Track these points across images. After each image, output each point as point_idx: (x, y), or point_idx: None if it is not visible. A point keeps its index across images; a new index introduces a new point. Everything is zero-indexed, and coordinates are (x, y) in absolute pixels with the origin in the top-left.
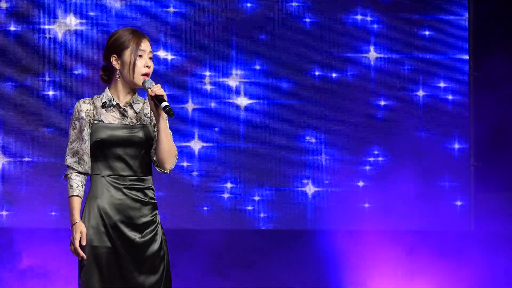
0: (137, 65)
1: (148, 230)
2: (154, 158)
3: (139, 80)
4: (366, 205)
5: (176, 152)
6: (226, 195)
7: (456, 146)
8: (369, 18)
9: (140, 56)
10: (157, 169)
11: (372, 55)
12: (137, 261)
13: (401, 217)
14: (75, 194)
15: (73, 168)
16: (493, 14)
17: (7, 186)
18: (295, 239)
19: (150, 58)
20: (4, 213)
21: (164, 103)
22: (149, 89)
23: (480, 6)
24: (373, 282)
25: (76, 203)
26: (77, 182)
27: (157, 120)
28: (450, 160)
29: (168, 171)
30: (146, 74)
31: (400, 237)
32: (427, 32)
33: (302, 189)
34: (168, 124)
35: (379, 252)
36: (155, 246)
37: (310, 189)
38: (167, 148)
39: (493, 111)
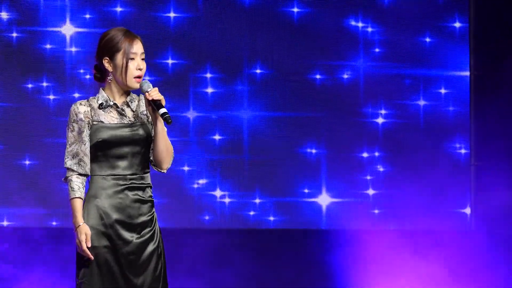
0: (129, 68)
1: (146, 230)
2: (151, 158)
3: (131, 83)
4: (376, 211)
5: (173, 151)
6: (226, 200)
7: (456, 146)
8: (370, 29)
9: (132, 58)
10: (154, 168)
11: (372, 63)
12: (136, 261)
13: (402, 217)
14: (77, 196)
15: (73, 170)
16: (494, 14)
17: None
18: (301, 239)
19: (143, 59)
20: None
21: (162, 110)
22: (146, 93)
23: (481, 6)
24: (374, 282)
25: (79, 205)
26: (78, 184)
27: (155, 122)
28: (451, 160)
29: (165, 171)
30: (138, 77)
31: (401, 237)
32: (427, 39)
33: (314, 199)
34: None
35: (381, 251)
36: (153, 245)
37: (323, 200)
38: (165, 149)
39: (494, 111)
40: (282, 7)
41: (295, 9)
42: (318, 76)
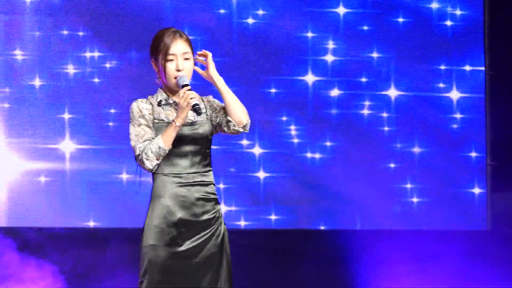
0: (168, 69)
1: (210, 228)
2: (229, 119)
3: (173, 83)
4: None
5: (244, 107)
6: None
7: (472, 146)
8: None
9: (171, 60)
10: (236, 128)
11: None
12: (196, 260)
13: (417, 217)
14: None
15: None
16: (509, 13)
17: None
18: (305, 239)
19: (186, 59)
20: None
21: (194, 101)
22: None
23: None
24: (387, 282)
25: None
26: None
27: (214, 83)
28: (467, 160)
29: (247, 128)
30: None
31: (416, 237)
32: (434, 63)
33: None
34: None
35: (397, 251)
36: (217, 243)
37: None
38: (237, 103)
39: (509, 110)
40: (297, 33)
41: (309, 34)
42: (329, 106)
